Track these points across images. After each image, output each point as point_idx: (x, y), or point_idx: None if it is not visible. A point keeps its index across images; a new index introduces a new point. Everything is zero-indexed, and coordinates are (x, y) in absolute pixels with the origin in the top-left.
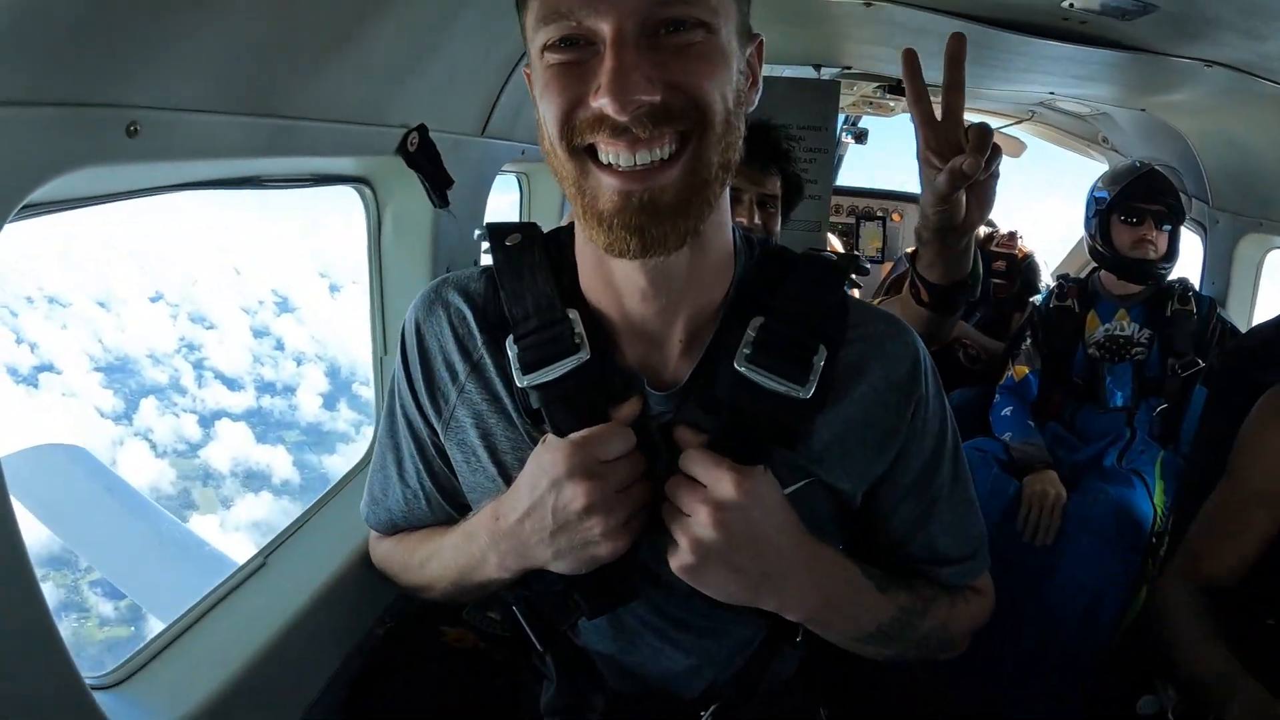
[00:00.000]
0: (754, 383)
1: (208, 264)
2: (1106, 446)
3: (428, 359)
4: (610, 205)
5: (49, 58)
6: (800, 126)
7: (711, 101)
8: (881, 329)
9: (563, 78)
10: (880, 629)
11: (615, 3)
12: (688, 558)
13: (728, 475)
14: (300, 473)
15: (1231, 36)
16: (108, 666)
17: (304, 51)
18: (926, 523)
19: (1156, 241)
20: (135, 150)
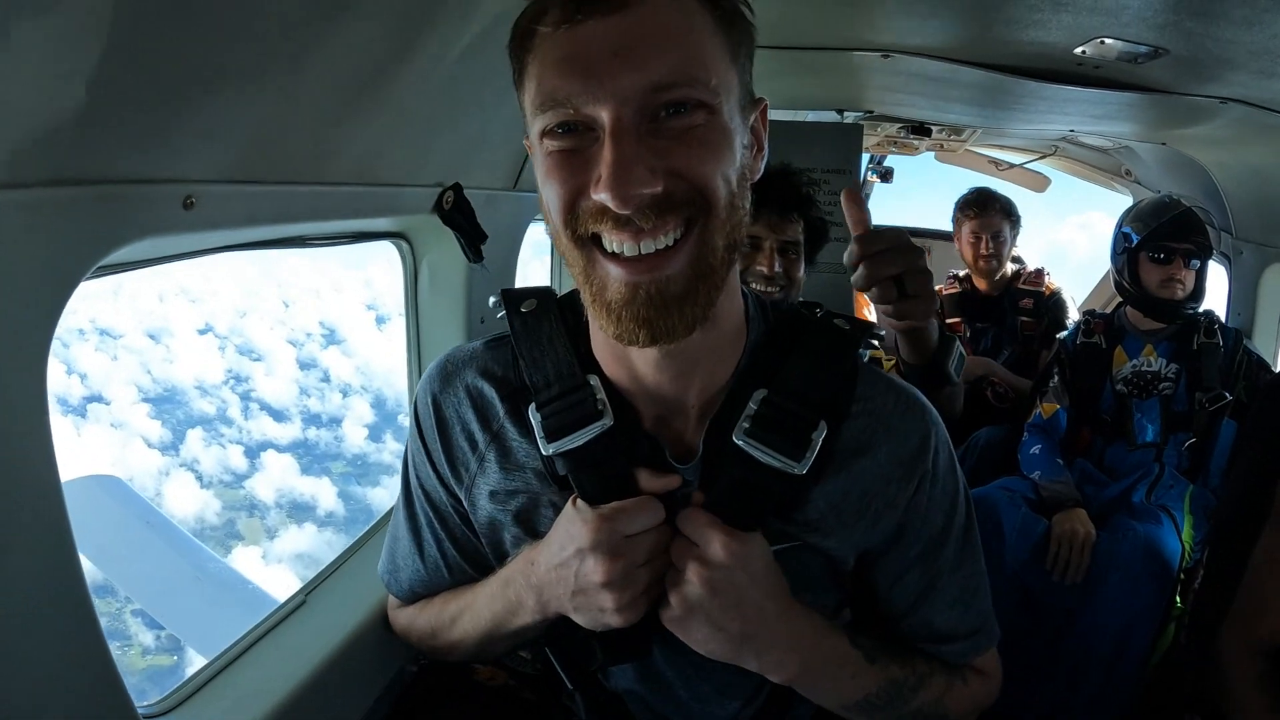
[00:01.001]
0: (751, 456)
1: (257, 297)
2: (1135, 482)
3: (446, 430)
4: (618, 297)
5: (116, 139)
6: (825, 170)
7: (715, 187)
8: (892, 404)
9: (563, 167)
10: (867, 699)
11: (614, 90)
12: (674, 611)
13: (718, 537)
14: (345, 504)
15: (1243, 75)
16: (150, 695)
17: (343, 120)
18: (929, 598)
19: (1184, 280)
20: (191, 221)
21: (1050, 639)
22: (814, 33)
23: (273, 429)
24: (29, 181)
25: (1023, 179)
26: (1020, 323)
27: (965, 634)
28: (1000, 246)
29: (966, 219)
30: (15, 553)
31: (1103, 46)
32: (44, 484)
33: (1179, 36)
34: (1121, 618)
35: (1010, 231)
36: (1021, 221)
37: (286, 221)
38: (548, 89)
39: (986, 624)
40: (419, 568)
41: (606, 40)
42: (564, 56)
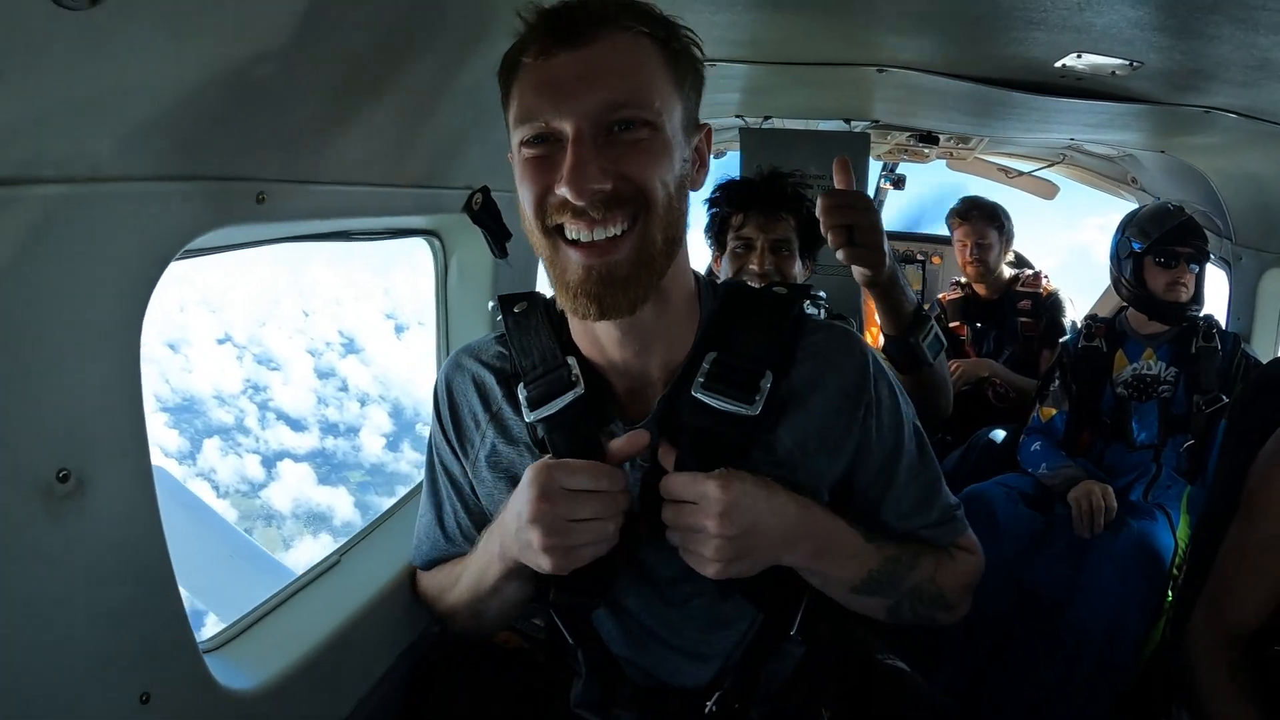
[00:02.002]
0: (708, 405)
1: (277, 306)
2: (1133, 481)
3: (456, 412)
4: (575, 277)
5: (202, 142)
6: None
7: (654, 189)
8: (831, 343)
9: (535, 169)
10: (871, 576)
11: (575, 108)
12: (717, 563)
13: (711, 483)
14: (361, 514)
15: (1222, 85)
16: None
17: (387, 129)
18: (898, 504)
19: (1188, 283)
20: (263, 213)
21: (1043, 631)
22: (815, 49)
23: (290, 438)
24: (132, 175)
25: (1032, 186)
26: (1020, 324)
27: (940, 522)
28: (986, 252)
29: (955, 226)
30: (99, 502)
31: (1080, 60)
32: (132, 439)
33: (1150, 50)
34: (1113, 610)
35: (998, 237)
36: (1012, 228)
37: (338, 217)
38: (525, 106)
39: (956, 512)
40: (439, 536)
41: (572, 68)
42: (539, 81)
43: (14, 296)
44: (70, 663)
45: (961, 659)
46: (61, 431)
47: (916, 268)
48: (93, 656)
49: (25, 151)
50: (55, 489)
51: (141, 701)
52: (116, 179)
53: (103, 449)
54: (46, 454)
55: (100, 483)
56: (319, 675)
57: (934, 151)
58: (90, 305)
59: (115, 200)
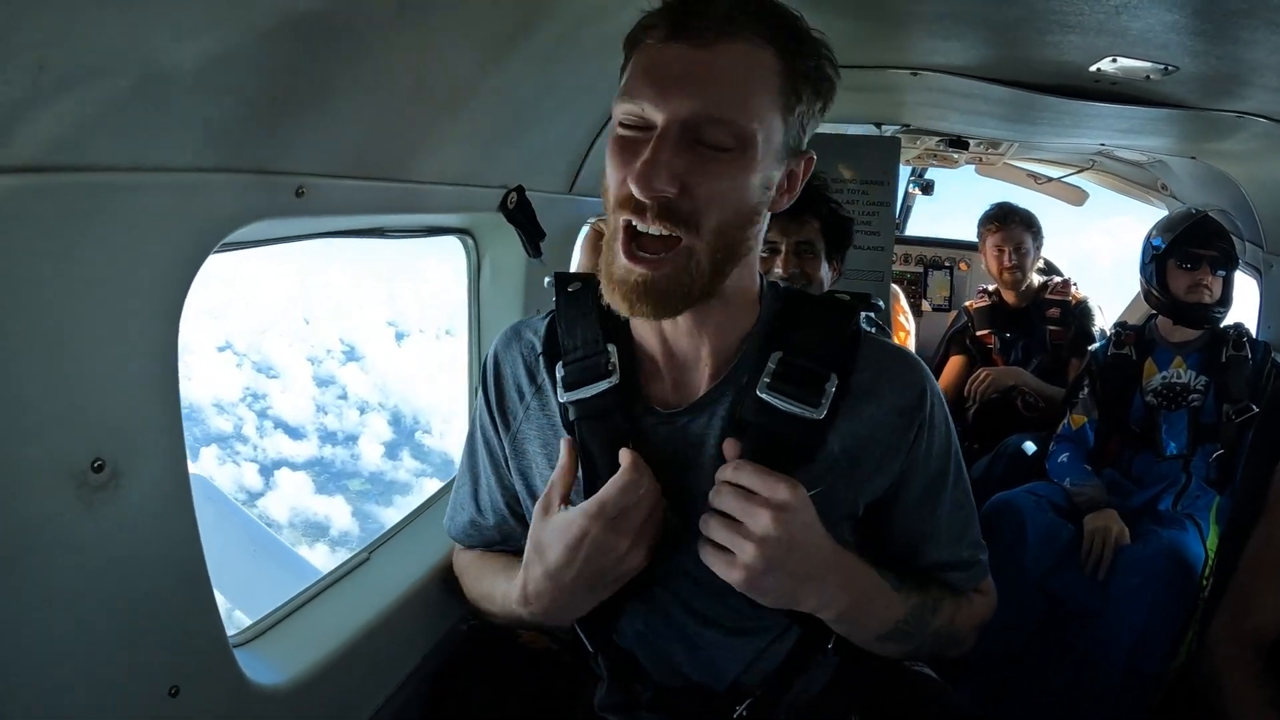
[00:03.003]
0: (774, 406)
1: (278, 314)
2: (1162, 491)
3: (502, 385)
4: (617, 275)
5: (243, 134)
6: (863, 181)
7: (708, 212)
8: (894, 362)
9: (623, 151)
10: (898, 626)
11: (671, 105)
12: (745, 568)
13: (782, 482)
14: (360, 524)
15: (1257, 90)
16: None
17: (425, 127)
18: (935, 535)
19: (1212, 286)
20: (302, 207)
21: (1071, 641)
22: (848, 53)
23: (288, 446)
24: (173, 166)
25: (1060, 192)
26: (1049, 332)
27: (966, 564)
28: (1023, 258)
29: (989, 233)
30: (134, 493)
31: (1115, 64)
32: (168, 430)
33: (1186, 55)
34: (1141, 622)
35: (1032, 243)
36: (1043, 233)
37: (375, 213)
38: (630, 86)
39: (982, 556)
40: (474, 511)
41: (684, 66)
42: (649, 67)
43: (54, 284)
44: (101, 653)
45: (989, 668)
46: (97, 421)
47: (944, 274)
48: (123, 648)
49: (69, 140)
50: (90, 478)
51: (171, 694)
52: (158, 169)
53: (138, 439)
54: (82, 442)
55: (135, 473)
56: (347, 671)
57: (963, 156)
58: (130, 295)
59: (156, 190)
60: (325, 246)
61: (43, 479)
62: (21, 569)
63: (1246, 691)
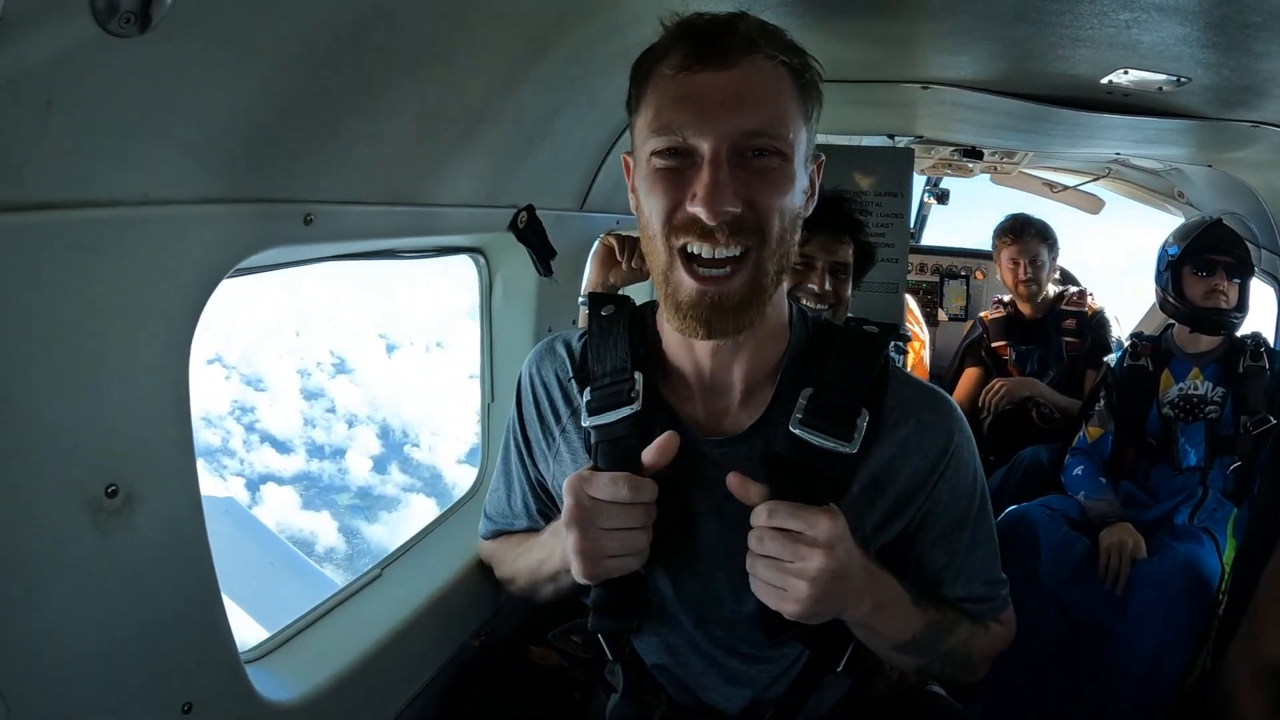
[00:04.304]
0: (807, 442)
1: (269, 327)
2: (1179, 504)
3: (538, 403)
4: (687, 300)
5: (250, 165)
6: (877, 193)
7: (773, 220)
8: (921, 401)
9: (666, 181)
10: (914, 638)
11: (717, 129)
12: (801, 601)
13: (821, 516)
14: (346, 540)
15: (1270, 101)
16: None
17: (435, 151)
18: (955, 573)
19: (1228, 292)
20: (311, 234)
21: (1086, 656)
22: (861, 68)
23: (276, 461)
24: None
25: (1077, 201)
26: (1065, 343)
27: (983, 599)
28: (1039, 270)
29: (1005, 245)
30: (147, 518)
31: (1127, 77)
32: (180, 451)
33: (1198, 66)
34: (1157, 636)
35: (1048, 255)
36: (1059, 244)
37: (385, 236)
38: (665, 119)
39: (1002, 592)
40: (505, 510)
41: (717, 90)
42: (681, 96)
43: (67, 316)
44: (115, 672)
45: (1003, 685)
46: (111, 447)
47: (960, 283)
48: (137, 666)
49: (78, 176)
50: (104, 504)
51: (184, 711)
52: (167, 202)
53: (151, 465)
54: (96, 469)
55: (148, 498)
56: (357, 688)
57: (978, 166)
58: (141, 325)
59: (165, 223)
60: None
61: (59, 505)
62: (39, 592)
63: (1258, 718)
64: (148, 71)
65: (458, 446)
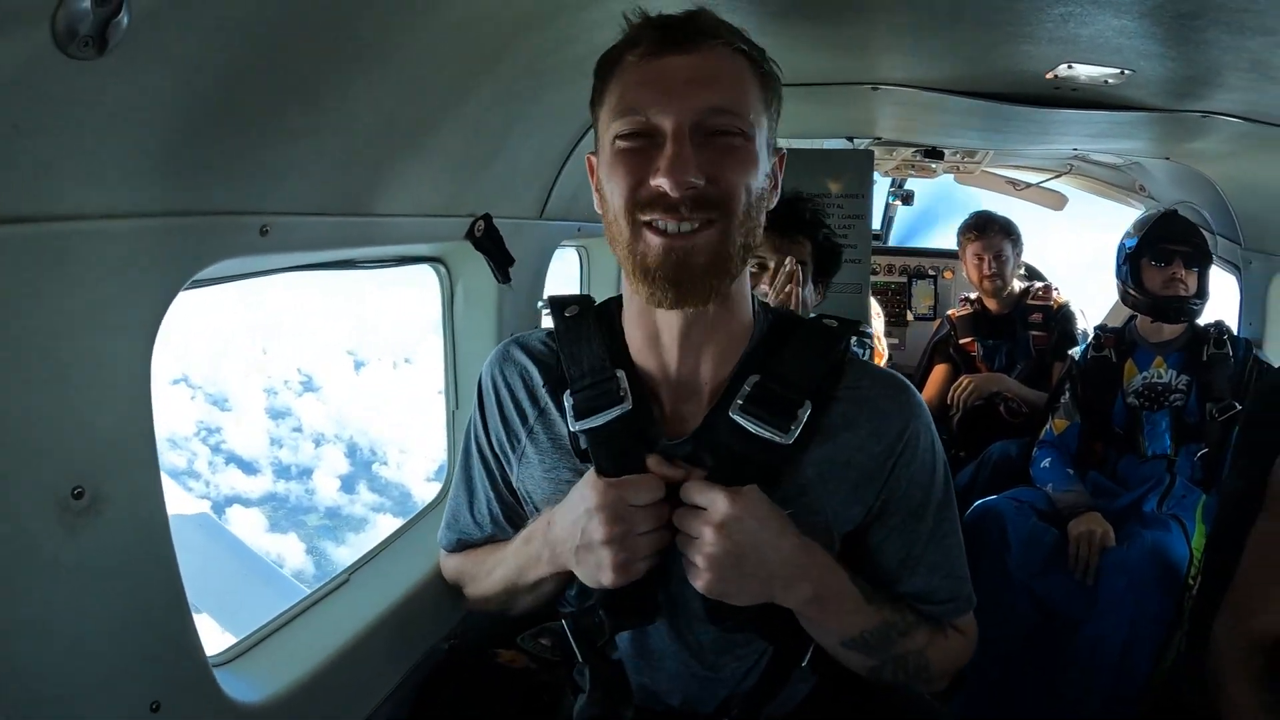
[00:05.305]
0: (744, 428)
1: (235, 345)
2: (1147, 492)
3: (502, 405)
4: (655, 260)
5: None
6: (839, 195)
7: (739, 194)
8: (878, 390)
9: (630, 160)
10: (863, 635)
11: (679, 106)
12: (706, 574)
13: (721, 495)
14: (315, 563)
15: (1216, 90)
16: None
17: (390, 160)
18: (910, 565)
19: (1186, 280)
20: (267, 245)
21: (1060, 646)
22: (812, 71)
23: (242, 482)
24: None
25: (1040, 198)
26: (1031, 337)
27: (945, 599)
28: (1003, 265)
29: (969, 242)
30: (113, 519)
31: (1072, 71)
32: (144, 464)
33: (1140, 58)
34: (1128, 623)
35: (1012, 250)
36: (1022, 240)
37: (342, 246)
38: (629, 100)
39: (964, 591)
40: (469, 522)
41: (680, 70)
42: (645, 78)
43: (33, 326)
44: (82, 675)
45: (978, 680)
46: (77, 451)
47: (929, 283)
48: (103, 668)
49: (41, 192)
50: (71, 505)
51: (152, 710)
52: (126, 215)
53: (116, 468)
54: (63, 471)
55: (113, 500)
56: (326, 691)
57: (940, 166)
58: (103, 335)
59: (125, 236)
60: (287, 276)
61: (26, 506)
62: (7, 591)
63: (1246, 694)
64: (106, 91)
65: (427, 464)
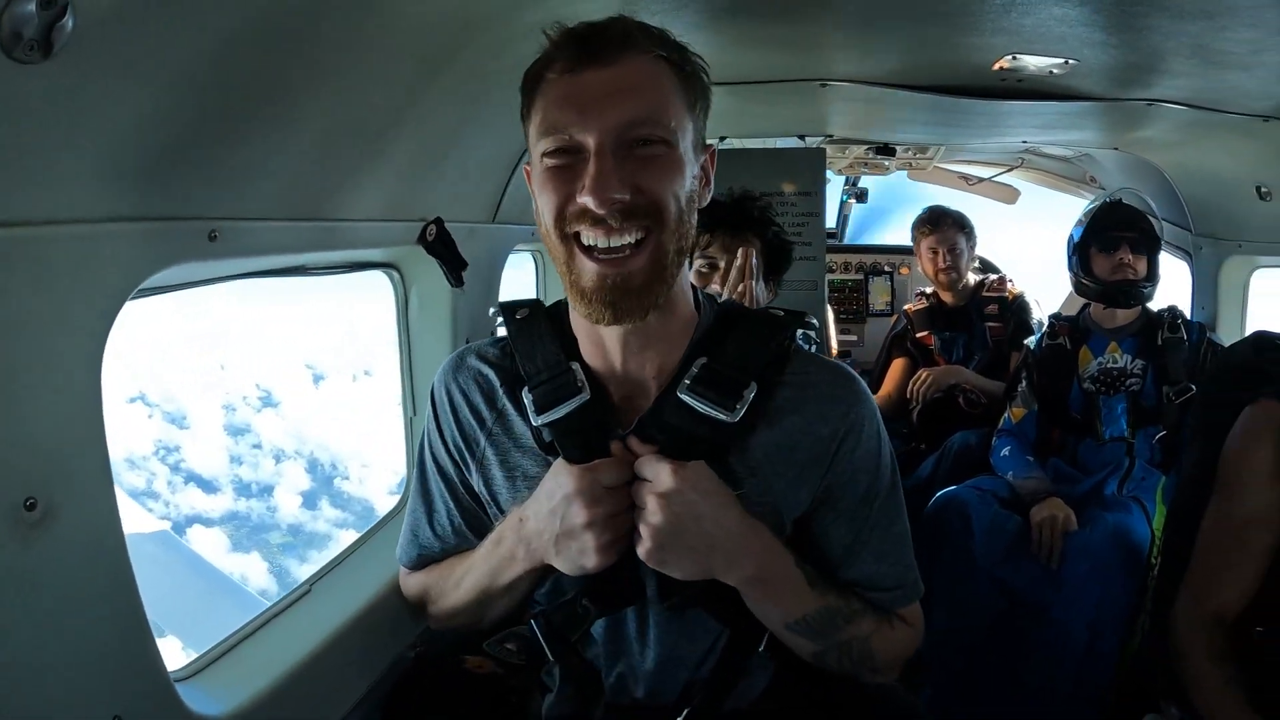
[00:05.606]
0: (691, 407)
1: (194, 360)
2: (1107, 476)
3: (457, 412)
4: (591, 284)
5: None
6: (791, 193)
7: (668, 202)
8: (823, 376)
9: (557, 178)
10: (806, 619)
11: (599, 124)
12: (648, 543)
13: (666, 467)
14: (279, 583)
15: (1160, 77)
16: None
17: (342, 164)
18: (856, 551)
19: (1135, 265)
20: (216, 250)
21: (1026, 630)
22: (758, 69)
23: (202, 501)
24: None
25: (993, 192)
26: (988, 328)
27: (891, 586)
28: (957, 258)
29: (923, 236)
30: (66, 530)
31: (1016, 62)
32: (97, 474)
33: (1083, 47)
34: (1094, 605)
35: (966, 243)
36: (976, 233)
37: (292, 252)
38: (551, 120)
39: (910, 578)
40: (430, 535)
41: (598, 86)
42: (565, 96)
43: None
44: (40, 689)
45: (946, 668)
46: (28, 462)
47: (885, 279)
48: (62, 683)
49: None
50: (23, 516)
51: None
52: (74, 221)
53: (69, 479)
54: (14, 481)
55: (67, 511)
56: (291, 702)
57: (893, 163)
58: (52, 343)
59: (73, 241)
60: (243, 286)
61: None
62: None
63: (1207, 670)
64: (52, 95)
65: (389, 477)
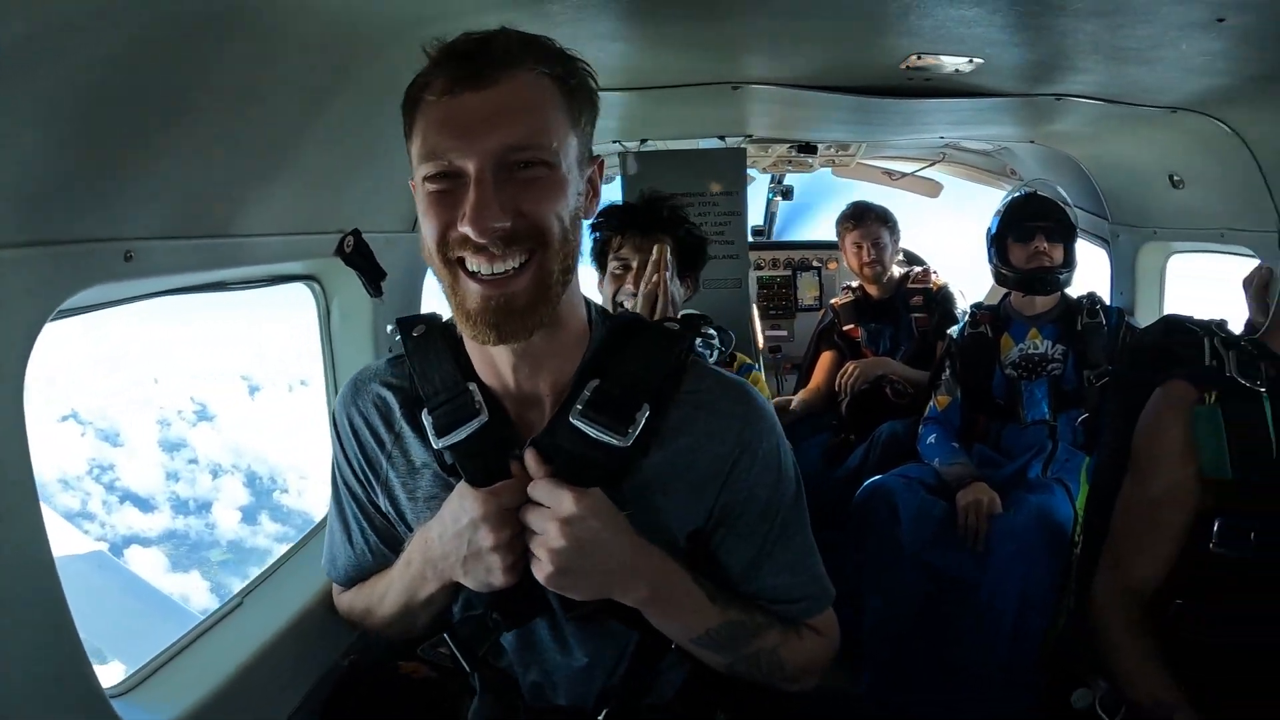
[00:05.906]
0: (584, 432)
1: (126, 376)
2: (1031, 459)
3: (358, 436)
4: (475, 306)
5: (64, 206)
6: (713, 193)
7: (550, 225)
8: (718, 393)
9: (438, 204)
10: (710, 634)
11: (479, 148)
12: (549, 567)
13: (567, 494)
14: (218, 598)
15: (1065, 73)
16: None
17: (251, 180)
18: (759, 565)
19: (1050, 253)
20: (133, 271)
21: (957, 613)
22: (670, 73)
23: (139, 520)
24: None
25: (916, 186)
26: (913, 319)
27: (798, 597)
28: (881, 252)
29: (847, 231)
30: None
31: (922, 61)
32: (21, 492)
33: (985, 45)
34: (1020, 585)
35: (889, 236)
36: (899, 227)
37: (210, 269)
38: (430, 145)
39: (819, 588)
40: (350, 554)
41: (476, 110)
42: (443, 120)
43: None
44: None
45: (880, 654)
46: None
47: (813, 275)
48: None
49: None
50: None
51: None
52: None
53: None
54: None
55: None
56: (228, 713)
57: (816, 160)
58: None
59: None
60: (177, 304)
61: None
62: None
63: (1126, 643)
64: None
65: (328, 488)
